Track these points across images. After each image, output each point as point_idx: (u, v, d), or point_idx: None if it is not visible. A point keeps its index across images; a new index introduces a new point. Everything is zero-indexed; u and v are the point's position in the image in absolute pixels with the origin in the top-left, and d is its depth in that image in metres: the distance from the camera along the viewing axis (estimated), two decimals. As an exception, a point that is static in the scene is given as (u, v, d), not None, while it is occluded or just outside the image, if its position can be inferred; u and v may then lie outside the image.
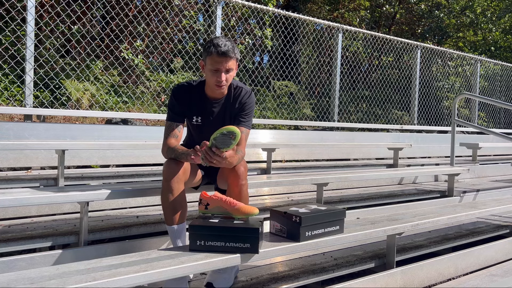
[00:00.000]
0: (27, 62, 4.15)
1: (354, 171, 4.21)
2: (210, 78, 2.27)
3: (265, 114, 7.04)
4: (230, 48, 2.22)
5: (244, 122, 2.42)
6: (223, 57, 2.21)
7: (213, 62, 2.23)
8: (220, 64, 2.22)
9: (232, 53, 2.23)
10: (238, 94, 2.41)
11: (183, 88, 2.39)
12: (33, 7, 4.15)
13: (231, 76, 2.30)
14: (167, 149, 2.31)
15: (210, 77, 2.27)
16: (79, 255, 2.40)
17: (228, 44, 2.22)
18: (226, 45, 2.21)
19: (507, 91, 9.93)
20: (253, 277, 2.39)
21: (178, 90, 2.39)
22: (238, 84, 2.44)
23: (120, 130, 4.50)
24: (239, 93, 2.41)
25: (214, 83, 2.27)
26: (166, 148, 2.32)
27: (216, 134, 2.05)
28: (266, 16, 7.06)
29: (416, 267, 2.62)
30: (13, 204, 2.14)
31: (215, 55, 2.21)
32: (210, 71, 2.25)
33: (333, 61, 6.68)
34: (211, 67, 2.24)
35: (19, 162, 3.73)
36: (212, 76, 2.26)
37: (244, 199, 2.26)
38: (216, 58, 2.21)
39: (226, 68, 2.24)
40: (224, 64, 2.22)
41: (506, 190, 4.98)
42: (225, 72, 2.25)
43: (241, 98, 2.41)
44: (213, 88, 2.31)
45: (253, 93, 2.47)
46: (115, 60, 5.33)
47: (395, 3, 15.01)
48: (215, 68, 2.23)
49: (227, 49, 2.20)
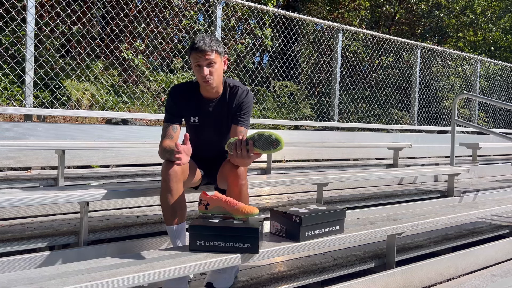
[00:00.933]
0: (27, 62, 4.15)
1: (354, 171, 4.21)
2: (197, 75, 2.32)
3: (265, 114, 7.04)
4: (206, 42, 2.26)
5: (243, 122, 2.42)
6: (200, 52, 2.25)
7: (193, 59, 2.29)
8: (199, 58, 2.26)
9: (208, 47, 2.25)
10: (235, 93, 2.42)
11: (180, 89, 2.42)
12: (33, 7, 4.15)
13: (217, 70, 2.31)
14: (162, 150, 2.33)
15: (196, 74, 2.31)
16: (79, 255, 2.40)
17: (205, 39, 2.27)
18: (202, 40, 2.26)
19: (507, 91, 9.93)
20: (253, 277, 2.39)
21: (175, 90, 2.42)
22: (234, 83, 2.45)
23: (120, 130, 4.50)
24: (235, 92, 2.42)
25: (201, 79, 2.30)
26: (161, 150, 2.33)
27: (264, 133, 2.01)
28: (266, 16, 7.06)
29: (416, 267, 2.62)
30: (13, 204, 2.14)
31: (194, 51, 2.27)
32: (194, 68, 2.31)
33: (333, 61, 6.68)
34: (194, 64, 2.31)
35: (19, 162, 3.73)
36: (197, 73, 2.30)
37: (244, 199, 2.26)
38: (194, 54, 2.27)
39: (206, 62, 2.26)
40: (203, 58, 2.25)
41: (506, 190, 4.98)
42: (207, 66, 2.27)
43: (238, 97, 2.42)
44: (202, 85, 2.34)
45: (250, 92, 2.48)
46: (115, 60, 5.33)
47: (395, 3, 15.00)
48: (196, 63, 2.28)
49: (202, 43, 2.25)
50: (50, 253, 2.36)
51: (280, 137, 2.01)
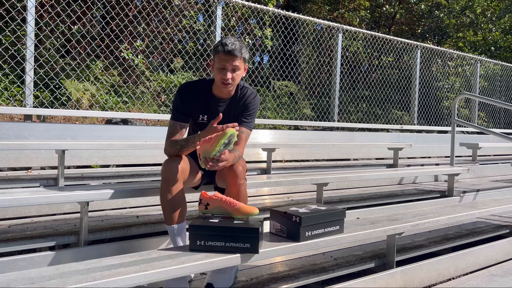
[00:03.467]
0: (27, 62, 4.15)
1: (354, 171, 4.21)
2: (217, 76, 2.31)
3: (265, 114, 7.04)
4: (237, 47, 2.25)
5: (246, 123, 2.43)
6: (229, 55, 2.24)
7: (220, 60, 2.27)
8: (226, 62, 2.25)
9: (239, 52, 2.26)
10: (244, 94, 2.44)
11: (189, 87, 2.42)
12: (33, 7, 4.15)
13: (238, 76, 2.32)
14: (170, 142, 2.32)
15: (217, 75, 2.30)
16: (79, 255, 2.40)
17: (236, 44, 2.26)
18: (233, 44, 2.25)
19: (507, 91, 9.93)
20: (253, 277, 2.39)
21: (185, 88, 2.41)
22: (244, 85, 2.48)
23: (120, 130, 4.50)
24: (244, 93, 2.45)
25: (220, 80, 2.30)
26: (169, 143, 2.33)
27: (219, 146, 2.05)
28: (266, 16, 7.06)
29: (416, 267, 2.62)
30: (13, 204, 2.14)
31: (221, 53, 2.25)
32: (217, 69, 2.30)
33: (333, 61, 6.68)
34: (218, 65, 2.29)
35: (19, 162, 3.73)
36: (219, 74, 2.29)
37: (242, 198, 2.26)
38: (222, 56, 2.25)
39: (232, 67, 2.27)
40: (230, 62, 2.25)
41: (506, 190, 4.98)
42: (231, 70, 2.28)
43: (246, 98, 2.44)
44: (220, 86, 2.33)
45: (258, 95, 2.50)
46: (115, 60, 5.33)
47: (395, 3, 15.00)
48: (221, 66, 2.27)
49: (234, 47, 2.24)
50: (50, 253, 2.36)
51: (227, 132, 2.05)
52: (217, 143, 2.04)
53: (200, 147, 2.11)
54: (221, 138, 2.03)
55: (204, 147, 2.09)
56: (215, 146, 2.04)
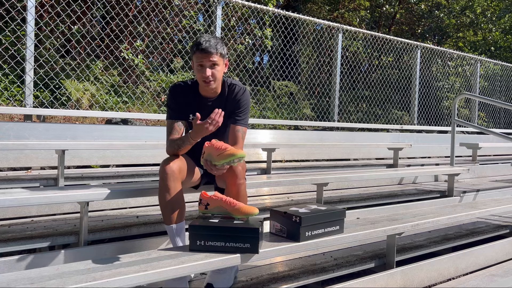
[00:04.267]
0: (27, 62, 4.15)
1: (354, 171, 4.21)
2: (198, 75, 2.32)
3: (265, 114, 7.03)
4: (212, 44, 2.26)
5: (240, 120, 2.43)
6: (205, 53, 2.25)
7: (197, 59, 2.29)
8: (203, 59, 2.27)
9: (214, 49, 2.26)
10: (232, 91, 2.44)
11: (179, 87, 2.43)
12: (33, 7, 4.15)
13: (219, 72, 2.33)
14: (169, 142, 2.34)
15: (197, 74, 2.32)
16: (79, 255, 2.40)
17: (211, 40, 2.27)
18: (208, 42, 2.26)
19: (507, 91, 9.93)
20: (253, 277, 2.39)
21: (175, 88, 2.43)
22: (232, 82, 2.46)
23: (120, 130, 4.50)
24: (232, 90, 2.44)
25: (201, 79, 2.31)
26: (168, 142, 2.34)
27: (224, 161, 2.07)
28: (266, 16, 7.06)
29: (416, 267, 2.62)
30: (13, 204, 2.14)
31: (197, 52, 2.27)
32: (196, 68, 2.31)
33: (333, 61, 6.68)
34: (196, 64, 2.31)
35: (19, 162, 3.73)
36: (198, 73, 2.31)
37: (242, 198, 2.26)
38: (198, 54, 2.27)
39: (209, 63, 2.28)
40: (207, 59, 2.26)
41: (506, 190, 4.97)
42: (210, 67, 2.29)
43: (235, 95, 2.44)
44: (202, 85, 2.35)
45: (248, 90, 2.49)
46: (115, 60, 5.33)
47: (395, 3, 15.00)
48: (198, 64, 2.29)
49: (208, 45, 2.25)
50: (50, 253, 2.36)
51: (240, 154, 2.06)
52: (224, 158, 2.05)
53: (208, 146, 2.12)
54: (230, 157, 2.05)
55: (211, 149, 2.10)
56: (221, 159, 2.06)
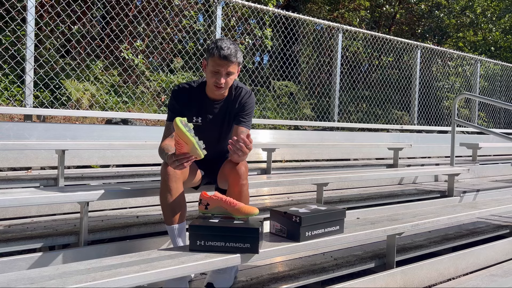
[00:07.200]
0: (27, 62, 4.15)
1: (354, 171, 4.21)
2: (210, 78, 2.28)
3: (265, 114, 7.04)
4: (232, 52, 2.22)
5: (244, 122, 2.43)
6: (225, 60, 2.21)
7: (214, 64, 2.23)
8: (221, 66, 2.23)
9: (234, 58, 2.23)
10: (238, 94, 2.43)
11: (183, 89, 2.40)
12: (33, 7, 4.15)
13: (232, 80, 2.31)
14: (160, 149, 2.34)
15: (210, 77, 2.28)
16: (79, 255, 2.40)
17: (231, 48, 2.22)
18: (229, 49, 2.21)
19: (507, 91, 9.93)
20: (253, 277, 2.39)
21: (178, 90, 2.40)
22: (238, 85, 2.45)
23: (120, 130, 4.50)
24: (239, 93, 2.43)
25: (213, 83, 2.28)
26: (160, 149, 2.35)
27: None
28: (266, 16, 7.06)
29: (416, 267, 2.62)
30: (13, 204, 2.14)
31: (217, 57, 2.21)
32: (211, 72, 2.26)
33: (333, 61, 6.67)
34: (212, 68, 2.25)
35: (19, 162, 3.73)
36: (212, 77, 2.27)
37: (244, 198, 2.26)
38: (217, 60, 2.22)
39: (226, 71, 2.25)
40: (225, 67, 2.23)
41: (506, 190, 4.97)
42: (225, 75, 2.26)
43: (241, 98, 2.43)
44: (212, 89, 2.32)
45: (253, 94, 2.49)
46: (115, 60, 5.33)
47: (395, 3, 14.99)
48: (215, 70, 2.24)
49: (229, 53, 2.21)
50: (50, 253, 2.35)
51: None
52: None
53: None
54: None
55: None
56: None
